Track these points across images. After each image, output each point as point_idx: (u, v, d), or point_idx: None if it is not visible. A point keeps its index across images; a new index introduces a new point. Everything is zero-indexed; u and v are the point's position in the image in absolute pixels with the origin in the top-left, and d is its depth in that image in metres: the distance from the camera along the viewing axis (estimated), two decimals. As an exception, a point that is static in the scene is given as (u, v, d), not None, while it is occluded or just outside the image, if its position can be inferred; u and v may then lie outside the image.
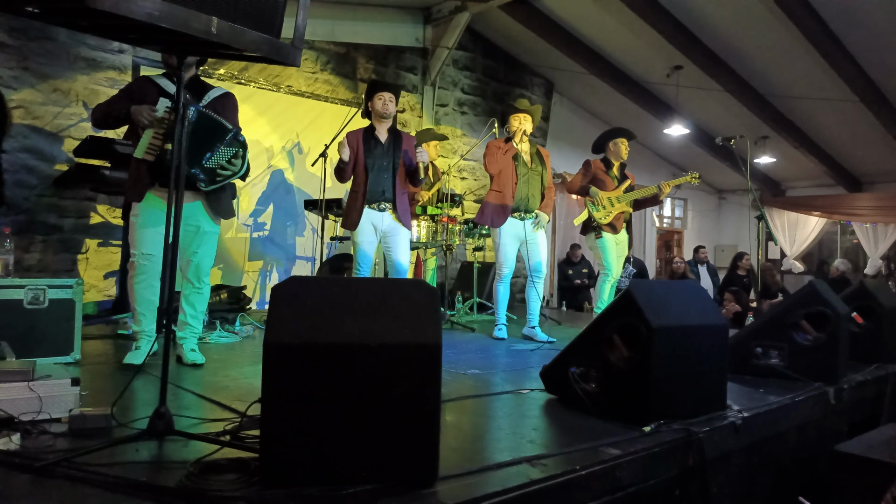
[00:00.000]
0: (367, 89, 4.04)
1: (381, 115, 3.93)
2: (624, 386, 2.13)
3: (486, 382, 2.81)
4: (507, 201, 4.20)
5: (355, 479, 1.45)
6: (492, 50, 8.34)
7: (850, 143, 9.39)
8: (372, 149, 3.90)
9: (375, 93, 3.95)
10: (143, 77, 3.12)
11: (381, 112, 3.92)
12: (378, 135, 3.96)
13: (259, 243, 6.30)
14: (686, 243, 11.92)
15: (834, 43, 6.75)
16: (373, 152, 3.89)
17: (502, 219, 4.22)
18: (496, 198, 4.25)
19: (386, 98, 3.92)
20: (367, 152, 3.89)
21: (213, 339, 3.75)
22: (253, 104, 6.22)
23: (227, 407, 2.16)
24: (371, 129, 3.98)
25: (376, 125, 3.97)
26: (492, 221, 4.26)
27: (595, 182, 4.84)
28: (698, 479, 1.97)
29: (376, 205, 3.88)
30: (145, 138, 2.77)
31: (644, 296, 2.17)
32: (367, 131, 3.98)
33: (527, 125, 4.29)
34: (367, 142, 3.93)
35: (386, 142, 3.94)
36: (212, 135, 2.77)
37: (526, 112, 4.34)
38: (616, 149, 4.94)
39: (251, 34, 1.57)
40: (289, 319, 1.49)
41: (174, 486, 1.43)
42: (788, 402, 2.47)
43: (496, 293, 4.41)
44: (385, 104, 3.91)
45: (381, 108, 3.91)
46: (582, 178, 4.90)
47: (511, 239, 4.26)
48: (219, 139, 2.78)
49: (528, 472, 1.59)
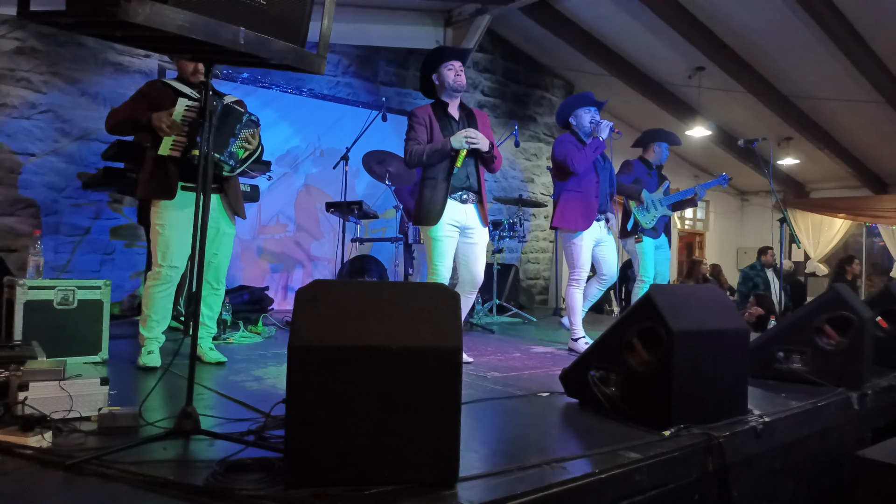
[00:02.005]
0: (430, 60, 3.38)
1: (454, 89, 3.31)
2: (644, 390, 2.13)
3: (506, 385, 2.82)
4: (591, 202, 3.87)
5: (377, 480, 1.47)
6: (512, 52, 8.35)
7: (875, 144, 9.24)
8: (451, 128, 3.30)
9: (442, 62, 3.32)
10: (156, 81, 3.18)
11: (452, 85, 3.29)
12: (451, 112, 3.37)
13: (281, 244, 6.38)
14: (708, 245, 11.80)
15: (859, 43, 6.65)
16: (452, 133, 3.25)
17: (589, 221, 3.85)
18: (579, 198, 3.87)
19: (457, 68, 3.31)
20: (444, 132, 3.28)
21: (236, 340, 3.81)
22: (275, 107, 6.29)
23: (251, 407, 2.20)
24: (441, 104, 3.37)
25: (448, 101, 3.37)
26: (577, 224, 3.84)
27: (637, 183, 4.60)
28: (719, 483, 1.97)
29: (459, 195, 3.31)
30: (168, 138, 2.84)
31: (665, 300, 2.17)
32: (436, 107, 3.37)
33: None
34: (440, 119, 3.33)
35: (460, 120, 3.38)
36: (231, 121, 2.84)
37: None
38: (659, 152, 4.77)
39: (277, 44, 1.61)
40: (312, 322, 1.52)
41: (201, 485, 1.47)
42: (811, 407, 2.45)
43: (571, 300, 3.93)
44: (457, 75, 3.30)
45: (454, 81, 3.29)
46: (626, 177, 4.59)
47: (590, 241, 3.90)
48: (238, 121, 2.86)
49: (547, 474, 1.60)
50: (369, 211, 5.43)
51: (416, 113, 3.33)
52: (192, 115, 2.83)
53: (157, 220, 2.94)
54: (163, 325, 3.00)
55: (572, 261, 3.93)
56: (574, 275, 3.93)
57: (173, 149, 2.85)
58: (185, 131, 2.83)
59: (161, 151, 2.86)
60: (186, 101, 2.86)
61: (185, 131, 2.83)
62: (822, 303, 2.90)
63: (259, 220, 6.19)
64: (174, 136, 2.83)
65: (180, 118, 2.81)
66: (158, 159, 2.90)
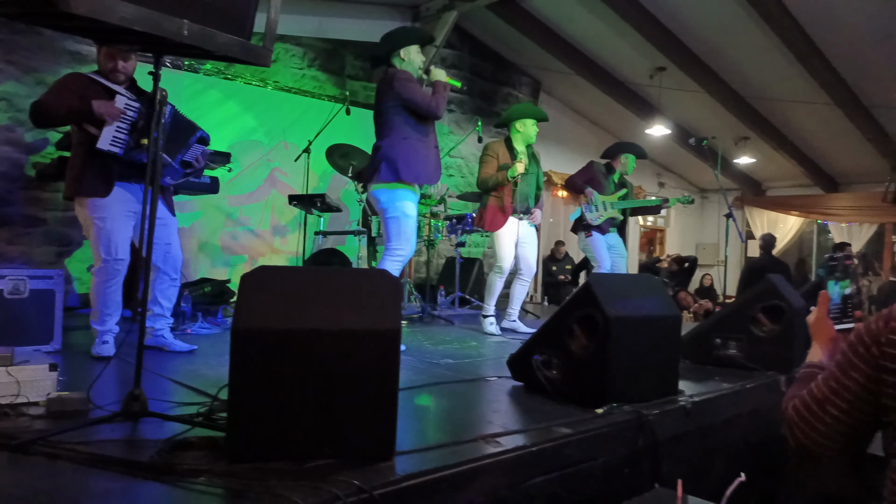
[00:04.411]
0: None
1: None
2: (582, 372, 2.24)
3: (458, 370, 2.91)
4: (506, 204, 4.25)
5: (318, 455, 1.54)
6: (479, 49, 8.43)
7: (827, 145, 9.58)
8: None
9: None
10: (79, 74, 3.01)
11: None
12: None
13: (244, 238, 6.37)
14: (668, 241, 12.10)
15: (810, 46, 6.90)
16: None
17: (502, 221, 4.26)
18: (495, 201, 4.29)
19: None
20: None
21: (194, 331, 3.83)
22: (239, 99, 6.28)
23: (200, 391, 2.25)
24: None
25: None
26: (491, 225, 4.28)
27: (592, 183, 4.97)
28: (649, 459, 2.08)
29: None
30: (107, 132, 2.79)
31: (603, 289, 2.28)
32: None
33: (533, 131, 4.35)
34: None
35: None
36: (183, 129, 2.87)
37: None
38: (625, 163, 5.12)
39: (222, 37, 1.66)
40: (256, 306, 1.57)
41: (145, 461, 1.52)
42: (739, 388, 2.60)
43: (491, 284, 4.36)
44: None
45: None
46: (581, 175, 5.05)
47: (509, 239, 4.29)
48: (192, 134, 2.89)
49: (482, 447, 1.69)
50: (333, 204, 5.47)
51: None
52: (131, 114, 2.82)
53: (93, 213, 2.88)
54: (115, 317, 3.00)
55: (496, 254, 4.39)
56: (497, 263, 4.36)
57: (114, 144, 2.81)
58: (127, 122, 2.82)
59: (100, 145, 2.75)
60: (125, 100, 2.83)
61: (126, 130, 2.83)
62: (758, 293, 3.05)
63: (221, 213, 6.18)
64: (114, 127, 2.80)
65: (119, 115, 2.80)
66: (88, 156, 2.84)
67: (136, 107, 2.85)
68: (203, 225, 6.04)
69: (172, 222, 3.14)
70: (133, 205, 2.96)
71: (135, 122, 2.83)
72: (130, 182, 2.95)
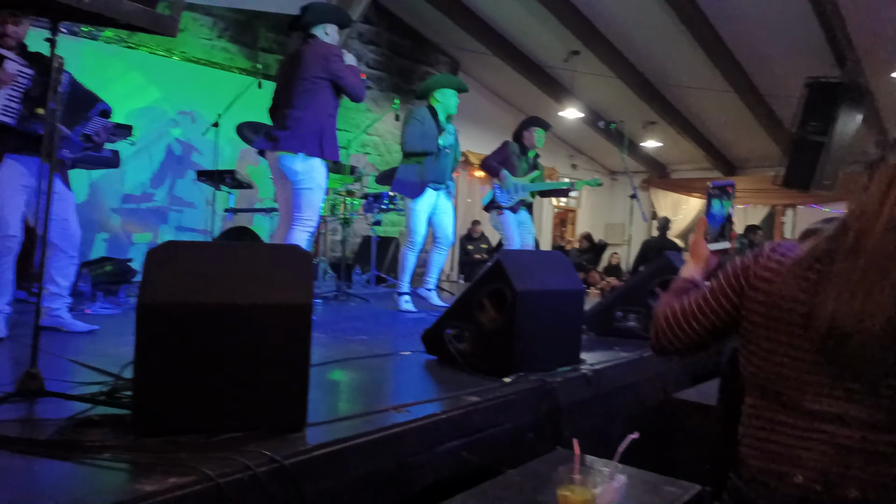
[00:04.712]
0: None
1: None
2: (492, 344, 2.34)
3: (372, 347, 2.95)
4: (425, 174, 4.27)
5: (229, 428, 1.55)
6: (398, 25, 8.38)
7: (726, 130, 10.21)
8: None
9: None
10: None
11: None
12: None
13: (148, 215, 6.10)
14: (579, 221, 12.56)
15: (714, 36, 7.32)
16: None
17: (420, 190, 4.28)
18: (415, 169, 4.29)
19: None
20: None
21: (94, 311, 3.66)
22: (144, 70, 5.97)
23: (102, 371, 2.17)
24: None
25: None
26: (410, 192, 4.29)
27: (506, 164, 5.08)
28: (552, 424, 2.22)
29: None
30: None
31: (511, 264, 2.38)
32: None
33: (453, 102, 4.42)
34: None
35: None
36: (82, 100, 2.73)
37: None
38: (531, 137, 5.21)
39: (128, 4, 1.60)
40: (163, 280, 1.55)
41: (45, 439, 1.47)
42: (637, 357, 2.79)
43: (403, 260, 4.39)
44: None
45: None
46: (495, 156, 5.15)
47: (424, 212, 4.32)
48: (91, 106, 2.75)
49: (393, 417, 1.75)
50: (244, 180, 5.33)
51: None
52: (23, 80, 2.65)
53: None
54: (6, 297, 2.83)
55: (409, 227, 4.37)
56: (410, 237, 4.38)
57: (5, 113, 2.65)
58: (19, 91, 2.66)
59: None
60: (16, 66, 2.65)
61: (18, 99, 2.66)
62: (655, 269, 3.27)
63: (123, 189, 5.88)
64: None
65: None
66: None
67: (28, 73, 2.68)
68: (103, 201, 5.74)
69: (69, 197, 2.99)
70: (26, 178, 2.79)
71: (27, 91, 2.66)
72: (23, 154, 2.77)
